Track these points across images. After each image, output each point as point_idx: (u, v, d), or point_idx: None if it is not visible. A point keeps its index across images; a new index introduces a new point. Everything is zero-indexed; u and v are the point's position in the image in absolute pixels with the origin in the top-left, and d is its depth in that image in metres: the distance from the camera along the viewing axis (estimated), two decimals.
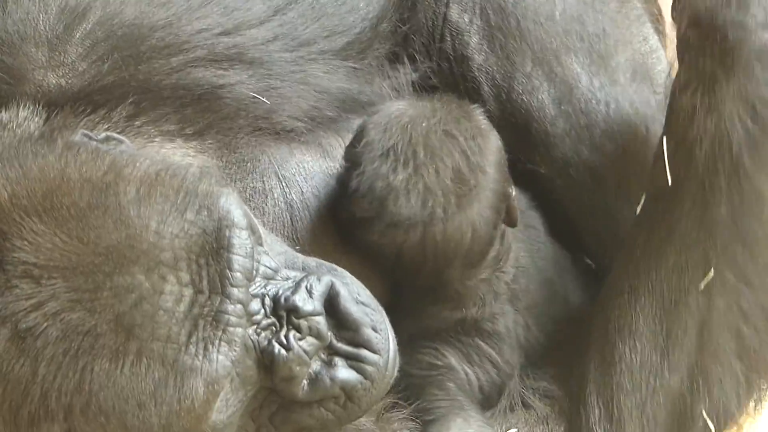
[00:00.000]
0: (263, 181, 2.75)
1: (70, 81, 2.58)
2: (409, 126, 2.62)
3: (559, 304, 2.84)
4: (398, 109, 2.68)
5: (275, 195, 2.74)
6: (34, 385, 2.20)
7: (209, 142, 2.70)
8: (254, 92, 2.73)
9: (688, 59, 2.62)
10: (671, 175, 2.61)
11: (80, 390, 2.20)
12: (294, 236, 2.72)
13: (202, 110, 2.69)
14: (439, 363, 2.67)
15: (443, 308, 2.72)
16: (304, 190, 2.76)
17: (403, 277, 2.70)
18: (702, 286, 2.60)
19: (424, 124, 2.62)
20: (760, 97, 2.56)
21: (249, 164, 2.74)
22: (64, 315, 2.19)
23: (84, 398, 2.20)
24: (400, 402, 2.66)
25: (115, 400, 2.21)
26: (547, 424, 2.69)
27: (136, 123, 2.62)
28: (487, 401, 2.70)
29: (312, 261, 2.49)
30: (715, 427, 2.61)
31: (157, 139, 2.63)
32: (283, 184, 2.75)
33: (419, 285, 2.71)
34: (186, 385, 2.22)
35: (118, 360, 2.20)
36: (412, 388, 2.67)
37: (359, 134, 2.66)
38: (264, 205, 2.73)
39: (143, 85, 2.64)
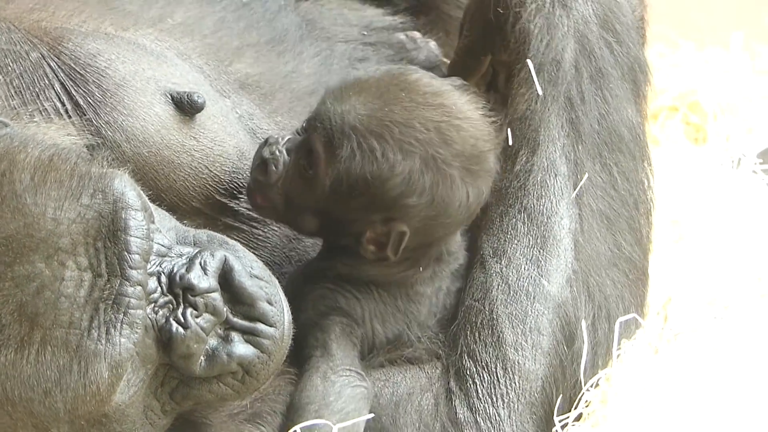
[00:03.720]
0: None
1: None
2: None
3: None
4: None
5: None
6: None
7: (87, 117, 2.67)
8: None
9: None
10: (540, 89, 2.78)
11: None
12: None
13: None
14: (344, 307, 2.65)
15: (399, 267, 2.69)
16: None
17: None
18: (574, 193, 2.71)
19: None
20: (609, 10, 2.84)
21: None
22: None
23: None
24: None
25: (22, 389, 2.20)
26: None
27: (12, 103, 2.58)
28: (388, 354, 2.70)
29: (203, 234, 2.51)
30: (602, 332, 2.68)
31: (36, 119, 2.58)
32: None
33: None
34: (90, 370, 2.22)
35: (24, 349, 2.19)
36: (306, 328, 2.63)
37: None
38: None
39: None
